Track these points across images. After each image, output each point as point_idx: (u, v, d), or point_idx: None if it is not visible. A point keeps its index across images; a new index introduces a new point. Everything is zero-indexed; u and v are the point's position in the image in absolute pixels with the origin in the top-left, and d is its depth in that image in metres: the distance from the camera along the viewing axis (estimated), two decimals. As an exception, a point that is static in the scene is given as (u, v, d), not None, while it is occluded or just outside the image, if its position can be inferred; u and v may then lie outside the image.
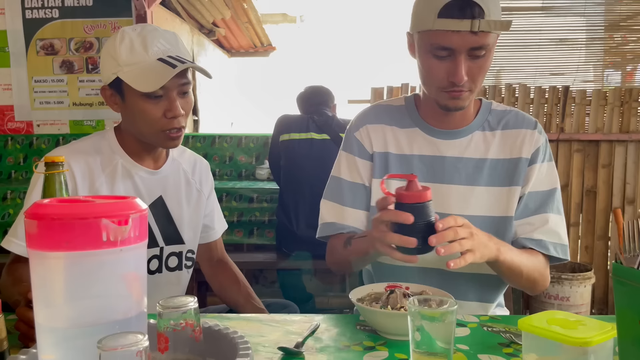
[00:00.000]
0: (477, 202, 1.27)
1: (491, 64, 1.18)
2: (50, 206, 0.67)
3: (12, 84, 3.66)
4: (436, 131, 1.30)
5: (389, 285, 1.11)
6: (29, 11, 3.58)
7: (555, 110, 3.51)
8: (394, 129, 1.33)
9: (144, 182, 1.35)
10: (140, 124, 1.28)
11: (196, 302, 0.80)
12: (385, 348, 0.96)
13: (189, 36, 5.28)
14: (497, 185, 1.27)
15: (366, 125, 1.35)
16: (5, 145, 3.68)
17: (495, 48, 1.20)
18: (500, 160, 1.28)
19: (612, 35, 3.73)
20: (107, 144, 1.33)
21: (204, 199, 1.49)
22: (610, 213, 3.51)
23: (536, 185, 1.27)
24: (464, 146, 1.28)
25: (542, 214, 1.26)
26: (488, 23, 1.10)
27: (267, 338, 1.00)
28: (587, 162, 3.52)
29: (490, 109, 1.32)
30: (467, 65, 1.14)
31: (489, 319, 1.11)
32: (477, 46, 1.12)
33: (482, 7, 1.09)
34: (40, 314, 0.68)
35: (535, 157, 1.27)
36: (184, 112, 1.28)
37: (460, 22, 1.10)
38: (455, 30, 1.10)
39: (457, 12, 1.10)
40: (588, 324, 0.77)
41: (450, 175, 1.27)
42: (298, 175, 2.89)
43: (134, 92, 1.24)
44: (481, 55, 1.15)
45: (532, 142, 1.28)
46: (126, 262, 0.69)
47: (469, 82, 1.17)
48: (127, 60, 1.23)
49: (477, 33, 1.11)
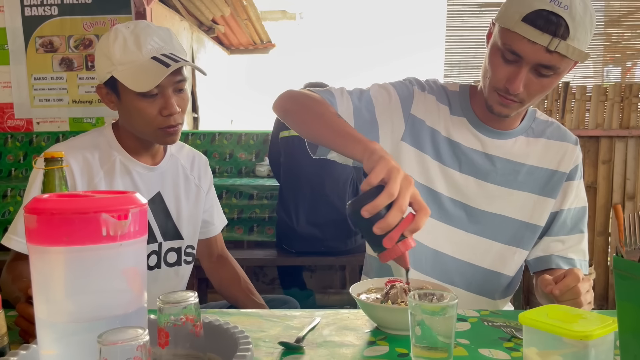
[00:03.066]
0: (505, 203, 1.28)
1: (556, 86, 1.17)
2: (50, 201, 0.67)
3: (12, 81, 3.66)
4: (483, 127, 1.27)
5: (389, 280, 1.11)
6: (28, 8, 3.58)
7: (556, 106, 3.51)
8: (445, 109, 1.29)
9: (142, 178, 1.35)
10: (137, 122, 1.28)
11: (196, 297, 0.80)
12: (386, 343, 0.96)
13: (188, 33, 5.27)
14: (528, 191, 1.28)
15: (426, 92, 1.29)
16: (5, 143, 3.68)
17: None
18: (538, 168, 1.28)
19: (611, 31, 3.72)
20: (105, 140, 1.33)
21: (202, 194, 1.49)
22: (611, 209, 3.51)
23: (574, 202, 1.30)
24: (507, 148, 1.27)
25: (578, 233, 1.30)
26: (567, 47, 1.05)
27: (268, 333, 1.00)
28: (587, 158, 3.52)
29: (534, 116, 1.32)
30: (528, 78, 1.11)
31: (489, 313, 1.11)
32: (546, 64, 1.08)
33: (570, 29, 1.04)
34: (41, 309, 0.68)
35: (574, 173, 1.29)
36: (180, 109, 1.28)
37: (540, 34, 1.05)
38: (532, 40, 1.06)
39: (542, 23, 1.05)
40: (589, 318, 0.77)
41: (486, 172, 1.27)
42: (298, 172, 2.89)
43: (129, 91, 1.24)
44: (547, 75, 1.10)
45: (572, 158, 1.29)
46: (126, 257, 0.69)
47: (525, 94, 1.14)
48: (120, 59, 1.23)
49: (551, 52, 1.06)
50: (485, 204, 1.28)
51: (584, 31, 1.07)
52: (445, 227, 1.28)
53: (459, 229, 1.28)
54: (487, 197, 1.27)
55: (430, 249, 1.29)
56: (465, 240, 1.28)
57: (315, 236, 2.84)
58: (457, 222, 1.28)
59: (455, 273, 1.29)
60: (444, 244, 1.29)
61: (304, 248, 2.89)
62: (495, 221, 1.28)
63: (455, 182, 1.27)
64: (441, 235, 1.28)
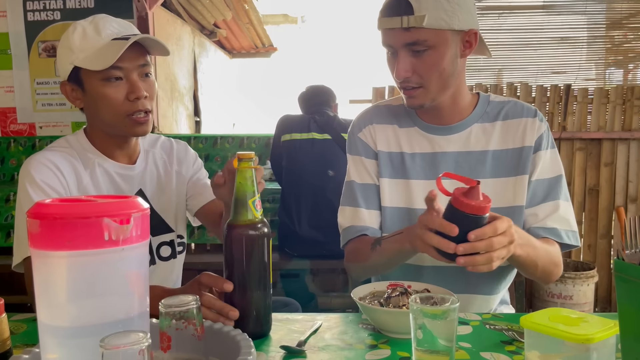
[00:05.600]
0: None
1: (452, 63, 1.18)
2: (52, 206, 0.67)
3: (15, 86, 3.67)
4: (433, 128, 1.30)
5: (391, 284, 1.11)
6: (31, 13, 3.59)
7: (557, 109, 3.51)
8: (394, 127, 1.34)
9: (122, 178, 1.33)
10: (104, 111, 1.25)
11: (198, 301, 0.80)
12: (388, 346, 0.96)
13: (190, 37, 5.29)
14: (503, 176, 1.27)
15: (368, 125, 1.36)
16: (8, 147, 3.69)
17: (497, 46, 1.19)
18: (503, 150, 1.27)
19: (613, 33, 3.73)
20: (80, 145, 1.32)
21: (184, 179, 1.46)
22: (613, 211, 3.51)
23: (542, 172, 1.27)
24: (463, 140, 1.28)
25: (551, 201, 1.26)
26: (416, 19, 1.12)
27: (270, 337, 1.00)
28: (590, 160, 3.51)
29: (488, 101, 1.32)
30: (409, 62, 1.17)
31: (491, 317, 1.11)
32: (411, 42, 1.15)
33: (412, 4, 1.12)
34: (43, 313, 0.68)
35: (539, 144, 1.27)
36: (148, 94, 1.25)
37: (391, 19, 1.15)
38: (389, 27, 1.16)
39: (389, 10, 1.16)
40: (590, 321, 0.77)
41: (452, 171, 1.27)
42: (300, 176, 2.89)
43: (93, 78, 1.22)
44: (421, 51, 1.16)
45: (534, 129, 1.27)
46: (128, 261, 0.69)
47: (417, 78, 1.18)
48: (80, 46, 1.22)
49: (409, 29, 1.14)
50: None
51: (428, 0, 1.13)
52: None
53: None
54: None
55: (425, 267, 1.28)
56: None
57: (317, 239, 2.83)
58: None
59: (454, 279, 1.25)
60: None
61: (306, 251, 2.89)
62: None
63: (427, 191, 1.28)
64: None
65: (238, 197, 0.97)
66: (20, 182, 1.21)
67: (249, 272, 0.98)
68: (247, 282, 0.98)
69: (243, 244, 0.97)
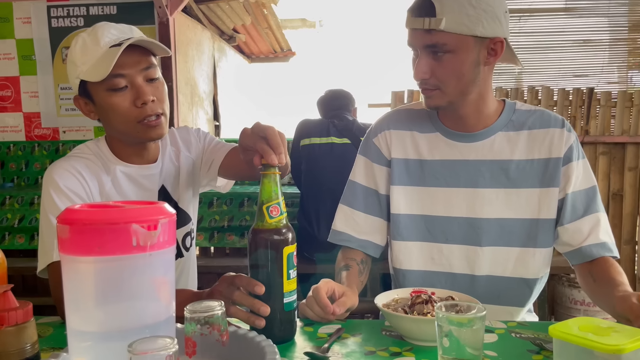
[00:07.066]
0: (504, 205, 1.25)
1: (473, 69, 1.16)
2: (82, 212, 0.68)
3: (39, 91, 3.74)
4: (456, 134, 1.28)
5: (414, 291, 1.10)
6: (55, 20, 3.66)
7: (580, 113, 3.46)
8: (414, 134, 1.32)
9: (145, 178, 1.34)
10: (115, 121, 1.24)
11: (223, 307, 0.80)
12: (412, 354, 0.95)
13: (210, 42, 5.33)
14: (527, 186, 1.24)
15: (385, 131, 1.34)
16: (32, 151, 3.76)
17: (518, 49, 1.19)
18: (528, 161, 1.25)
19: (635, 35, 3.66)
20: (100, 151, 1.32)
21: (198, 159, 1.45)
22: (637, 217, 3.44)
23: (578, 184, 1.23)
24: (486, 148, 1.26)
25: (592, 214, 1.23)
26: (438, 22, 1.11)
27: (293, 343, 1.00)
28: (613, 165, 3.45)
29: (514, 109, 1.29)
30: (428, 64, 1.16)
31: (516, 325, 1.09)
32: (430, 44, 1.14)
33: (435, 7, 1.11)
34: (72, 318, 0.69)
35: (570, 156, 1.23)
36: (156, 98, 1.23)
37: (415, 20, 1.14)
38: (412, 28, 1.16)
39: (415, 10, 1.15)
40: (620, 331, 0.76)
41: (474, 179, 1.26)
42: (319, 180, 2.89)
43: (99, 90, 1.21)
44: (441, 54, 1.15)
45: (562, 141, 1.24)
46: (155, 267, 0.70)
47: (434, 80, 1.17)
48: (82, 59, 1.21)
49: (430, 31, 1.13)
50: (486, 211, 1.25)
51: (451, 4, 1.11)
52: (457, 247, 1.27)
53: (469, 245, 1.26)
54: (485, 203, 1.25)
55: (447, 274, 1.27)
56: (480, 254, 1.25)
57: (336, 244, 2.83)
58: (465, 239, 1.26)
59: (479, 290, 1.25)
60: (459, 264, 1.27)
61: (325, 255, 2.88)
62: (503, 226, 1.24)
63: (448, 199, 1.27)
64: (454, 257, 1.27)
65: (263, 201, 0.97)
66: (44, 189, 1.22)
67: (274, 278, 0.98)
68: (272, 288, 0.98)
69: (268, 248, 0.97)
